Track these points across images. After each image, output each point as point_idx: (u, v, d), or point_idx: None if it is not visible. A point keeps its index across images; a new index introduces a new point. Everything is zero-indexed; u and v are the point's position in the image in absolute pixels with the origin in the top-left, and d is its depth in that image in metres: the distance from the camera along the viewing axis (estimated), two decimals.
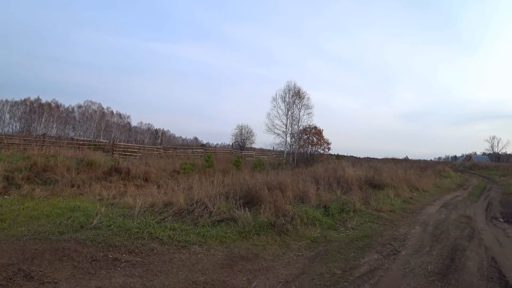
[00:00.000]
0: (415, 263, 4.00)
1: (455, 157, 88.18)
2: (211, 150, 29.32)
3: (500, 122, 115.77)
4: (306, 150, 23.91)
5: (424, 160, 52.33)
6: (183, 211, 5.35)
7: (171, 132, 79.29)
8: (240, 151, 31.46)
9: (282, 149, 25.95)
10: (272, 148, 29.34)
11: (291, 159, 23.79)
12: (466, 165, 46.60)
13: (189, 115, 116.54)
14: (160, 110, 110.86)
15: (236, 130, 38.09)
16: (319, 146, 24.06)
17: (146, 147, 25.36)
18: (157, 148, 25.02)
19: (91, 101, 59.64)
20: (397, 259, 4.15)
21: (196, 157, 22.26)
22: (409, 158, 57.44)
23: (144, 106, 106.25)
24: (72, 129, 58.30)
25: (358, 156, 53.82)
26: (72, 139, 32.34)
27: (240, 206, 5.42)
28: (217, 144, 65.56)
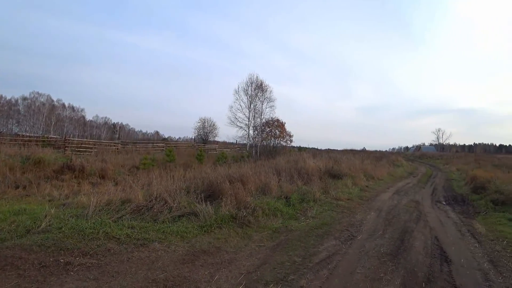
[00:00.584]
0: (370, 246, 4.38)
1: (407, 148, 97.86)
2: (173, 144, 28.43)
3: (444, 116, 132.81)
4: (269, 142, 24.56)
5: (379, 151, 57.20)
6: (142, 208, 5.23)
7: (131, 126, 74.77)
8: (202, 145, 31.11)
9: (245, 142, 26.34)
10: (235, 141, 29.57)
11: (254, 151, 24.23)
12: (416, 155, 52.40)
13: (150, 108, 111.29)
14: (118, 103, 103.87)
15: (199, 123, 37.42)
16: (281, 139, 24.93)
17: (103, 142, 23.62)
18: (114, 143, 23.52)
19: (38, 93, 52.46)
20: (353, 244, 4.50)
21: (157, 152, 21.85)
22: (367, 149, 62.47)
23: (100, 99, 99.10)
24: (16, 124, 51.32)
25: (319, 148, 56.67)
26: (17, 135, 28.51)
27: (202, 200, 5.46)
28: (179, 138, 63.61)
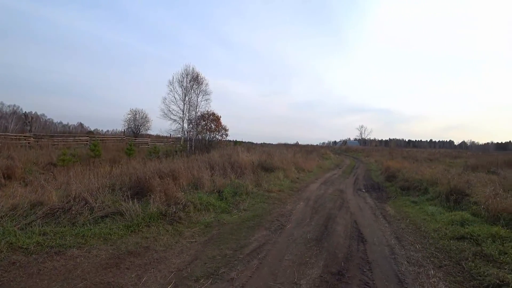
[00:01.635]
0: (297, 234, 4.72)
1: (335, 142, 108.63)
2: (99, 137, 25.65)
3: (367, 114, 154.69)
4: (204, 136, 24.28)
5: (311, 144, 62.15)
6: (57, 211, 4.75)
7: (48, 117, 63.29)
8: (133, 138, 28.93)
9: (179, 135, 25.52)
10: (169, 135, 28.34)
11: (188, 145, 23.66)
12: (342, 148, 58.82)
13: (72, 96, 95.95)
14: (31, 89, 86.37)
15: (129, 115, 34.45)
16: (217, 133, 24.86)
17: (10, 135, 19.60)
18: (25, 136, 19.81)
19: None
20: (283, 233, 4.79)
21: (80, 146, 19.97)
22: (299, 143, 66.93)
23: (7, 83, 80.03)
24: None
25: (255, 142, 58.41)
26: None
27: (128, 198, 5.26)
28: (107, 130, 57.35)
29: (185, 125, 24.74)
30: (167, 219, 4.94)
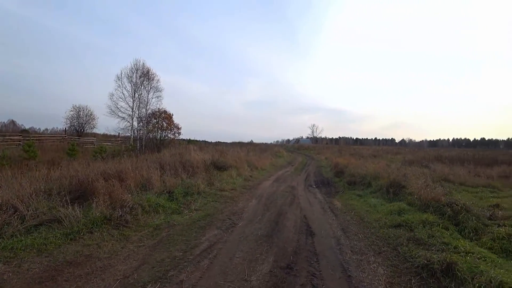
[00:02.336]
0: (249, 231, 4.79)
1: (288, 140, 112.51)
2: (35, 136, 22.70)
3: (318, 113, 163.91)
4: (155, 135, 23.32)
5: (265, 143, 63.42)
6: None
7: None
8: (77, 138, 26.33)
9: (128, 134, 24.10)
10: (117, 134, 26.49)
11: (138, 145, 22.47)
12: (295, 146, 61.24)
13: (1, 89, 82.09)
14: None
15: (72, 112, 31.02)
16: (169, 131, 24.03)
17: None
18: None
19: None
20: (234, 231, 4.82)
21: (11, 147, 17.45)
22: (254, 141, 67.87)
23: None
24: None
25: (209, 141, 57.61)
26: None
27: (67, 203, 4.88)
28: (46, 129, 50.84)
29: (135, 123, 23.52)
30: (112, 224, 4.66)
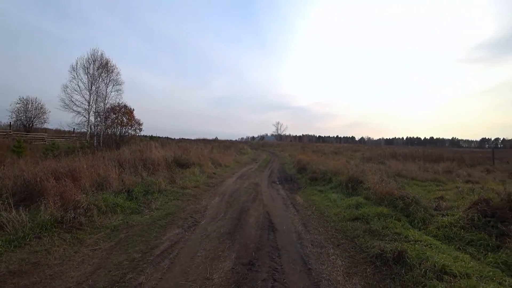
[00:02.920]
0: (211, 229, 4.75)
1: (253, 137, 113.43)
2: None
3: (283, 111, 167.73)
4: (115, 131, 22.09)
5: (230, 140, 63.18)
6: None
7: None
8: (24, 133, 23.84)
9: (84, 130, 22.49)
10: (72, 130, 24.53)
11: (95, 141, 21.08)
12: (260, 143, 61.91)
13: None
14: None
15: (18, 105, 27.87)
16: (129, 127, 22.93)
17: None
18: None
19: None
20: (196, 229, 4.75)
21: None
22: (219, 138, 67.34)
23: None
24: None
25: (173, 137, 56.00)
26: None
27: (10, 206, 4.44)
28: None
29: (92, 118, 22.08)
30: (65, 227, 4.33)
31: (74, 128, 23.42)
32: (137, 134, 24.35)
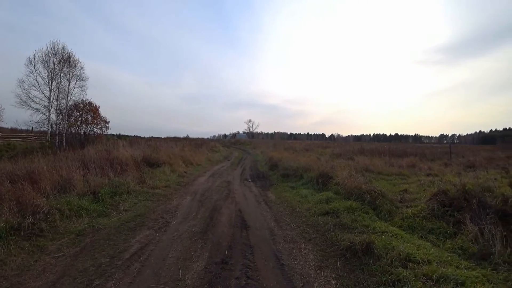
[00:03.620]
0: (183, 229, 4.64)
1: (225, 135, 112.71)
2: None
3: (255, 109, 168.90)
4: (79, 130, 20.84)
5: (201, 138, 62.22)
6: None
7: None
8: None
9: (45, 129, 20.90)
10: (31, 128, 22.73)
11: (57, 141, 19.71)
12: (232, 141, 61.71)
13: None
14: None
15: None
16: (95, 125, 21.78)
17: None
18: None
19: None
20: (167, 230, 4.62)
21: None
22: (190, 136, 66.13)
23: None
24: None
25: (142, 136, 54.21)
26: None
27: None
28: None
29: (53, 116, 20.63)
30: (22, 234, 4.00)
31: (32, 127, 21.82)
32: (104, 133, 23.32)
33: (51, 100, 20.45)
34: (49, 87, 20.30)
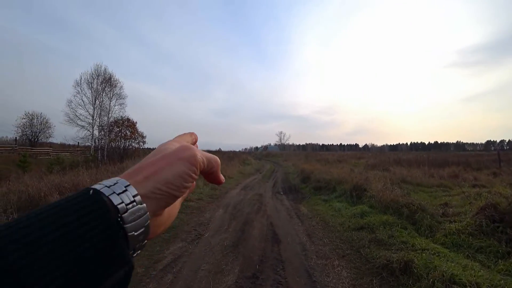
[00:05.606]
0: (215, 242, 4.68)
1: (256, 148, 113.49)
2: None
3: (284, 121, 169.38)
4: (119, 144, 22.28)
5: (233, 151, 63.21)
6: None
7: None
8: (29, 148, 24.19)
9: (89, 144, 22.82)
10: (77, 143, 24.92)
11: (100, 155, 21.26)
12: (263, 153, 61.80)
13: None
14: None
15: (24, 120, 28.46)
16: (133, 140, 23.13)
17: None
18: None
19: None
20: (200, 242, 4.68)
21: None
22: (222, 149, 67.49)
23: None
24: None
25: None
26: None
27: None
28: None
29: (96, 132, 22.40)
30: None
31: (78, 142, 23.73)
32: (141, 147, 24.51)
33: (95, 117, 22.15)
34: (92, 106, 22.08)
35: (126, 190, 0.30)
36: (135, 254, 0.32)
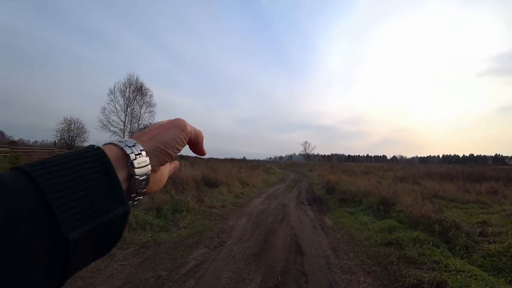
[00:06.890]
0: (237, 250, 4.65)
1: (281, 157, 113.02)
2: (23, 149, 22.21)
3: (310, 130, 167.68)
4: None
5: (258, 160, 63.44)
6: None
7: None
8: (66, 151, 26.05)
9: None
10: None
11: None
12: (288, 163, 61.36)
13: None
14: None
15: (63, 125, 30.68)
16: None
17: None
18: None
19: None
20: (222, 250, 4.68)
21: None
22: (247, 158, 67.94)
23: None
24: None
25: (202, 157, 57.56)
26: None
27: None
28: (36, 141, 50.38)
29: (126, 138, 23.75)
30: None
31: None
32: None
33: (126, 124, 23.25)
34: (124, 113, 23.24)
35: (135, 145, 0.39)
36: (136, 198, 0.40)
